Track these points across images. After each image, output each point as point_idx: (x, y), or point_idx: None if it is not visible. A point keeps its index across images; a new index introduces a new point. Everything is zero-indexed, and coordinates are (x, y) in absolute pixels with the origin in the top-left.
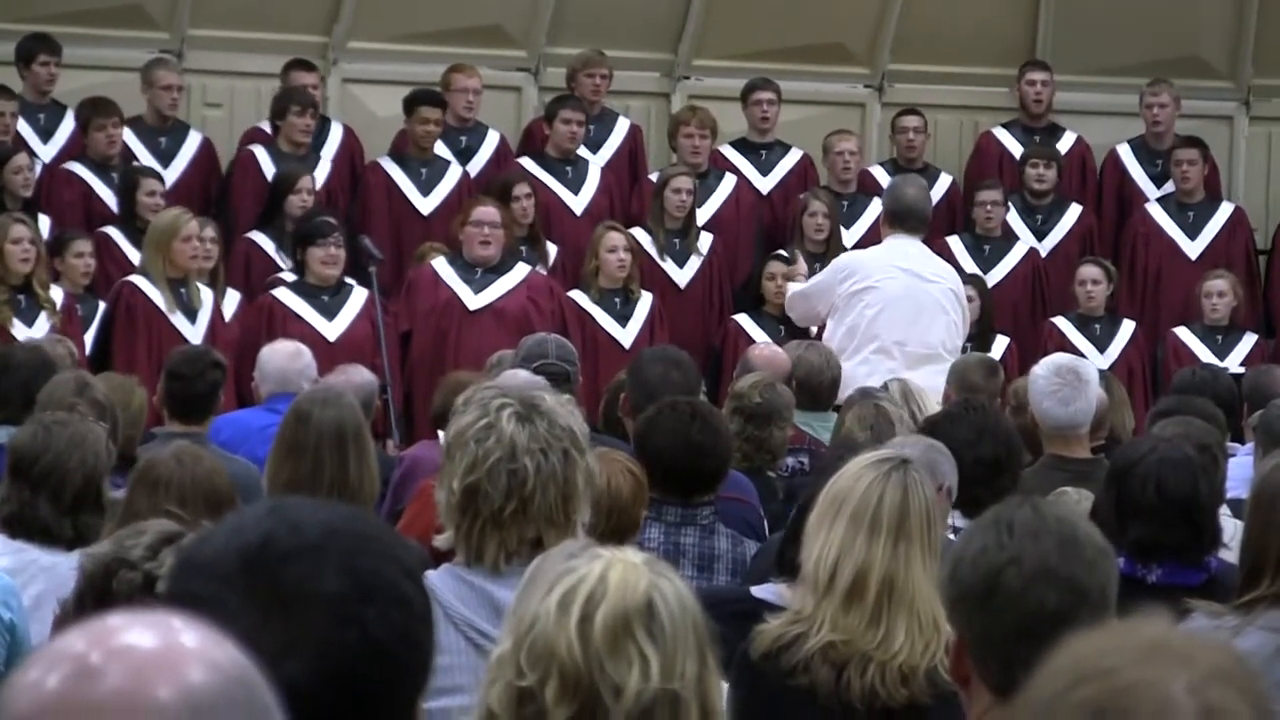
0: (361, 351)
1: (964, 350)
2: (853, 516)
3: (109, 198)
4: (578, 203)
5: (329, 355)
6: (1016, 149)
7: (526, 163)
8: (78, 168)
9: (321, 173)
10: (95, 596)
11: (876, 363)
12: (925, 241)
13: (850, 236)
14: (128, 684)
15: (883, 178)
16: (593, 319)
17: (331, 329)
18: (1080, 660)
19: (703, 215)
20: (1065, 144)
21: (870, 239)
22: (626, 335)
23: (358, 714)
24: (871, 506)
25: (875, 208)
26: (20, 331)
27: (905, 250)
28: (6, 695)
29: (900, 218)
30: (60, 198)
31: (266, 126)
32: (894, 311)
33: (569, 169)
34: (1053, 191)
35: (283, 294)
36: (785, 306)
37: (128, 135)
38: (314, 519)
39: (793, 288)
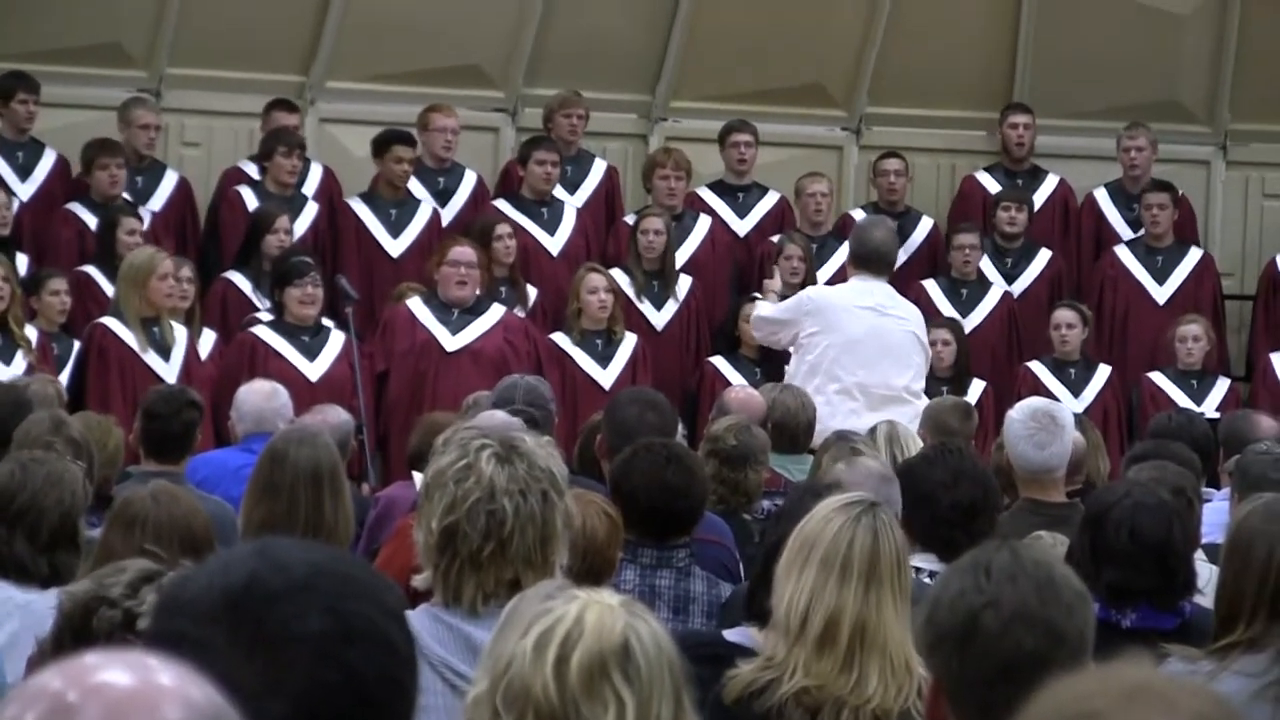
0: (342, 392)
1: (942, 392)
2: (823, 561)
3: None
4: (554, 244)
5: (311, 395)
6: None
7: (502, 204)
8: (77, 208)
9: (310, 213)
10: (74, 634)
11: (839, 403)
12: (896, 283)
13: (821, 279)
14: None
15: None
16: (573, 360)
17: (313, 369)
18: (1063, 704)
19: (680, 257)
20: (1048, 187)
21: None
22: (607, 376)
23: None
24: (842, 551)
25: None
26: None
27: (871, 290)
28: None
29: (865, 260)
30: (58, 236)
31: (246, 166)
32: (857, 352)
33: (544, 210)
34: (1023, 235)
35: (263, 332)
36: (750, 324)
37: None
38: (299, 560)
39: (760, 309)
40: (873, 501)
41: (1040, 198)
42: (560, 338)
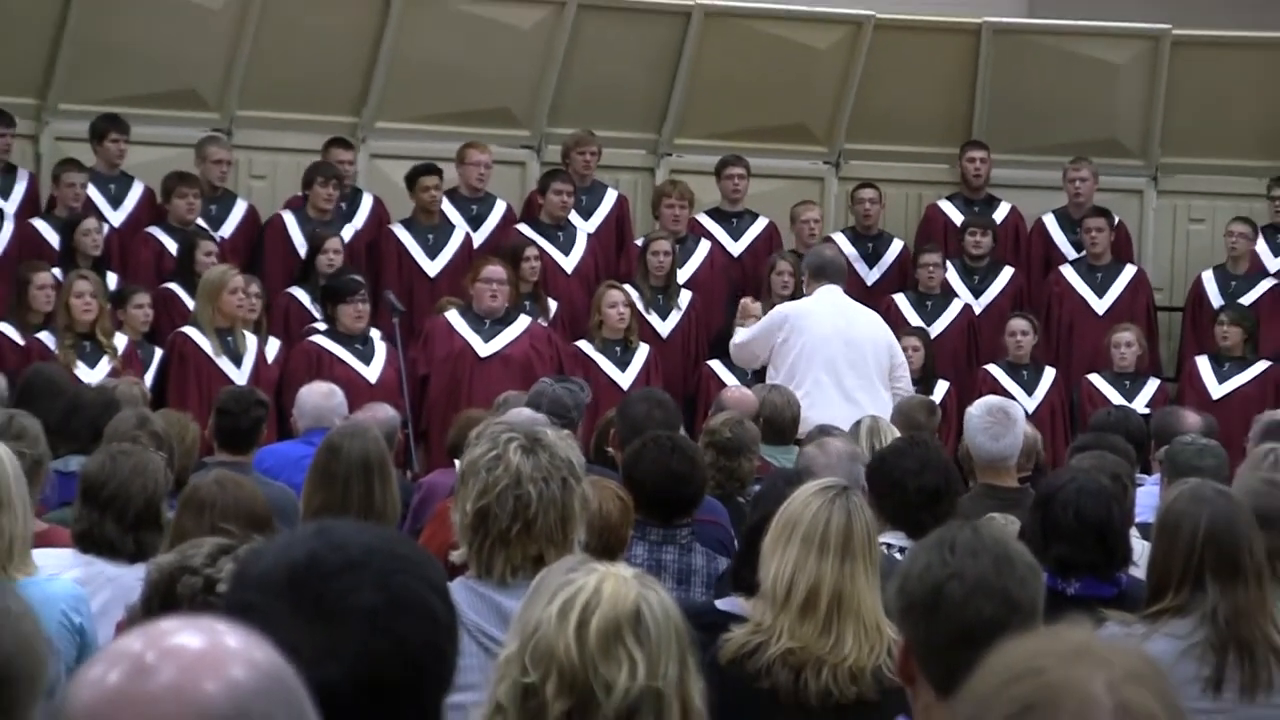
0: (395, 391)
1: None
2: (804, 539)
3: None
4: (568, 263)
5: (370, 394)
6: (958, 218)
7: (524, 228)
8: (156, 231)
9: (346, 236)
10: (162, 599)
11: (816, 394)
12: (871, 298)
13: None
14: (178, 679)
15: (845, 243)
16: (595, 364)
17: (371, 372)
18: (1013, 662)
19: (683, 275)
20: (1001, 213)
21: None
22: (625, 379)
23: (388, 714)
24: (820, 529)
25: None
26: (83, 373)
27: (832, 298)
28: (74, 689)
29: (822, 271)
30: (138, 256)
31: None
32: (830, 346)
33: (560, 234)
34: (988, 256)
35: (323, 341)
36: (730, 354)
37: None
38: (355, 540)
39: (737, 336)
40: (845, 486)
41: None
42: (584, 345)
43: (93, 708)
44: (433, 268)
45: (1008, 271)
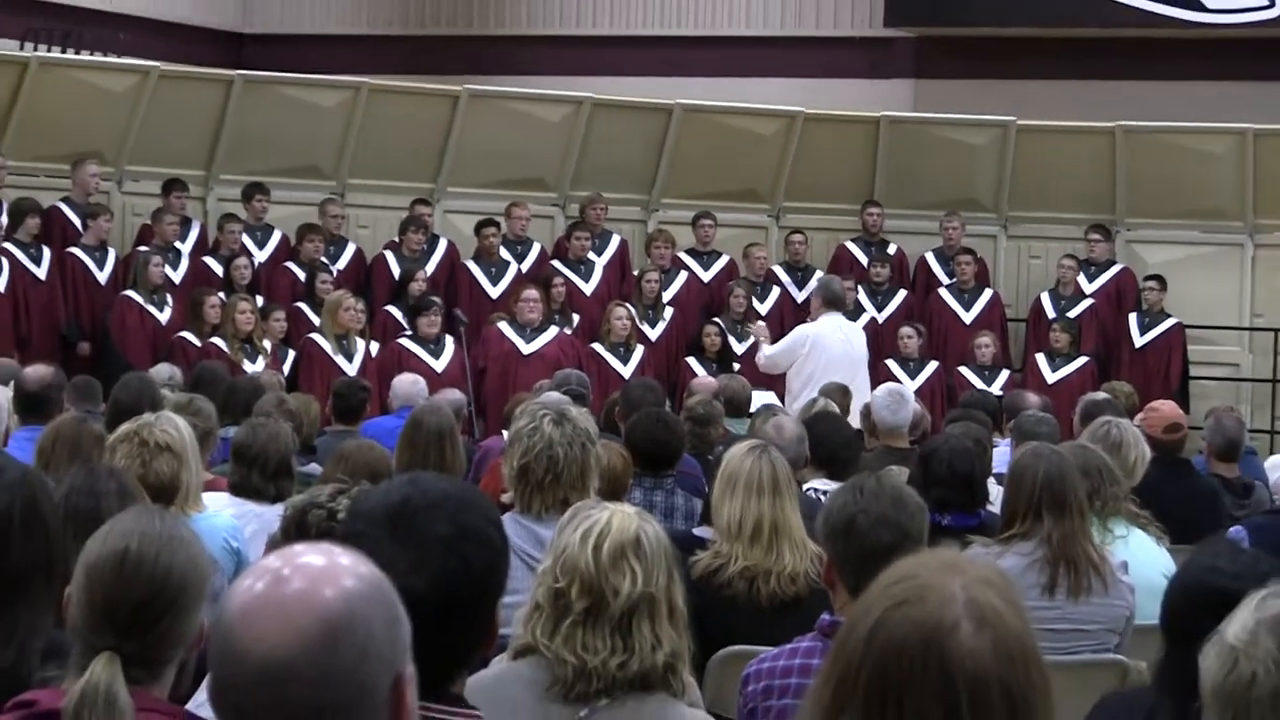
0: (456, 380)
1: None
2: (745, 486)
3: None
4: (588, 289)
5: (437, 382)
6: (861, 256)
7: (556, 264)
8: (290, 266)
9: (429, 269)
10: (296, 527)
11: None
12: (800, 313)
13: (762, 310)
14: (306, 586)
15: (781, 273)
16: (605, 361)
17: (438, 365)
18: (901, 572)
19: (668, 296)
20: (890, 251)
21: (773, 313)
22: (626, 371)
23: (459, 614)
24: (756, 478)
25: (776, 292)
26: (247, 367)
27: (838, 324)
28: (230, 594)
29: (831, 302)
30: (277, 284)
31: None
32: (838, 366)
33: (582, 268)
34: (887, 283)
35: (406, 343)
36: (760, 364)
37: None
38: (435, 487)
39: (765, 351)
40: (765, 445)
41: None
42: (597, 346)
43: (245, 607)
44: (494, 292)
45: (902, 293)
